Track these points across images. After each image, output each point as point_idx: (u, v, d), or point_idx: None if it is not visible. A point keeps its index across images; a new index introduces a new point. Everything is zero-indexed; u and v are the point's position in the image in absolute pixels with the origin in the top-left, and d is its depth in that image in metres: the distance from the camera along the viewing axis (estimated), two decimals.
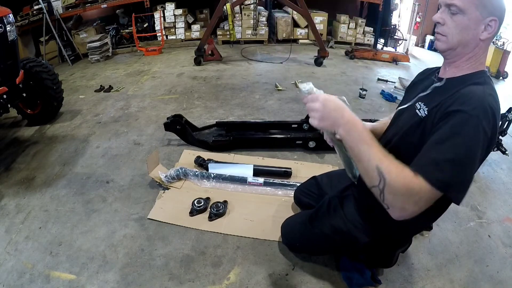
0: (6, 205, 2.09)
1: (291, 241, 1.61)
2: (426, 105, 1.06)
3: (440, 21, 1.01)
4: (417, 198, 0.89)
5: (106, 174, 2.40)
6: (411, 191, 0.88)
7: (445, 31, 1.01)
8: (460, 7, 0.96)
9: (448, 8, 0.99)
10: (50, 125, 3.19)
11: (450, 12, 0.99)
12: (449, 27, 1.00)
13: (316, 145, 2.64)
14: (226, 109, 3.52)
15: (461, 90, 0.98)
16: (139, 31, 6.20)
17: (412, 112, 1.12)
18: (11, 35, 2.45)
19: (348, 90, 4.20)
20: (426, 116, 1.02)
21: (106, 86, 4.17)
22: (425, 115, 1.03)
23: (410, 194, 0.89)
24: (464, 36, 0.99)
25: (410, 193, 0.89)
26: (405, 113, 1.18)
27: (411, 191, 0.88)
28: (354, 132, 0.97)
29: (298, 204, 1.88)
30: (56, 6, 5.38)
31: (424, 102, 1.08)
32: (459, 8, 0.96)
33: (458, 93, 0.97)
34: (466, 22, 0.97)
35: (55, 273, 1.62)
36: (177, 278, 1.60)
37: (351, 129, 0.98)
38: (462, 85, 0.99)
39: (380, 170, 0.91)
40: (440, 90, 1.07)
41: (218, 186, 2.22)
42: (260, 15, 6.41)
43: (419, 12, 6.93)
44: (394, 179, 0.89)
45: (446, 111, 0.94)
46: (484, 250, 1.82)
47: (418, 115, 1.06)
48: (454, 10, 0.97)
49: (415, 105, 1.11)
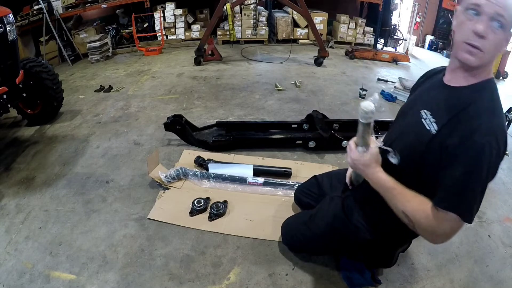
0: (6, 205, 2.09)
1: (292, 241, 1.61)
2: (433, 116, 1.03)
3: (484, 35, 0.89)
4: (444, 229, 0.99)
5: (106, 174, 2.40)
6: (438, 227, 0.98)
7: (485, 46, 0.90)
8: (507, 21, 0.87)
9: (493, 21, 0.88)
10: (50, 125, 3.19)
11: (494, 25, 0.88)
12: (490, 43, 0.90)
13: (316, 145, 2.64)
14: (226, 109, 3.52)
15: (471, 107, 0.95)
16: (139, 31, 6.19)
17: (417, 119, 1.09)
18: (11, 35, 2.45)
19: (348, 90, 4.20)
20: (436, 134, 1.00)
21: (106, 86, 4.17)
22: (435, 132, 1.00)
23: (437, 229, 0.99)
24: (496, 52, 0.94)
25: (436, 229, 0.99)
26: (409, 116, 1.16)
27: (437, 228, 0.99)
28: (378, 185, 1.10)
29: (299, 204, 1.88)
30: (56, 6, 5.37)
31: (430, 112, 1.05)
32: (504, 23, 0.88)
33: (469, 113, 0.94)
34: (502, 37, 0.90)
35: (55, 273, 1.62)
36: (177, 278, 1.60)
37: (376, 182, 1.11)
38: (472, 99, 0.96)
39: (406, 214, 1.03)
40: (448, 100, 1.03)
41: (218, 186, 2.22)
42: (260, 15, 6.41)
43: (419, 12, 6.93)
44: (419, 221, 1.01)
45: (462, 141, 0.92)
46: (484, 250, 1.82)
47: (426, 128, 1.03)
48: (498, 24, 0.88)
49: (420, 112, 1.08)
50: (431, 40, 7.37)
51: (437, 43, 7.24)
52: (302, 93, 4.03)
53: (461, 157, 0.93)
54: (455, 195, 0.94)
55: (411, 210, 1.01)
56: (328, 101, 3.81)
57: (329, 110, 3.51)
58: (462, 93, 1.00)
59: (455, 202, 0.94)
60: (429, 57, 6.81)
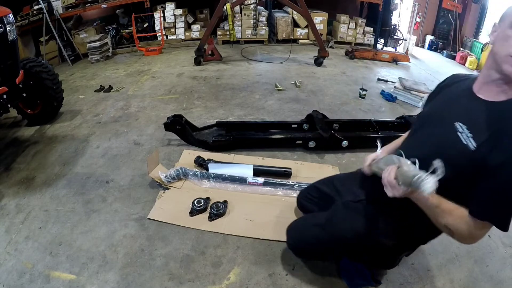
0: (6, 205, 2.09)
1: (300, 245, 1.50)
2: (470, 131, 1.01)
3: None
4: (481, 235, 1.05)
5: (106, 174, 2.40)
6: (476, 234, 1.04)
7: None
8: None
9: None
10: (50, 125, 3.19)
11: None
12: None
13: (316, 145, 2.64)
14: (226, 109, 3.52)
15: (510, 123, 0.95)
16: (139, 31, 6.19)
17: (452, 132, 1.05)
18: (11, 35, 2.45)
19: (348, 90, 4.20)
20: (475, 151, 0.99)
21: (106, 86, 4.17)
22: (474, 149, 0.99)
23: (474, 235, 1.04)
24: None
25: (474, 235, 1.04)
26: (441, 128, 1.12)
27: (475, 234, 1.04)
28: (421, 203, 1.09)
29: (301, 209, 1.83)
30: (56, 6, 5.37)
31: (467, 126, 1.02)
32: None
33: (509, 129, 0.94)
34: None
35: (55, 273, 1.62)
36: (177, 278, 1.60)
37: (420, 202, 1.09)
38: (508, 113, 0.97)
39: (447, 226, 1.06)
40: (487, 115, 1.01)
41: (218, 186, 2.22)
42: (260, 15, 6.41)
43: (419, 12, 6.93)
44: (460, 231, 1.04)
45: (506, 159, 0.93)
46: (484, 250, 1.82)
47: (463, 143, 1.01)
48: None
49: (455, 125, 1.05)
50: (431, 40, 7.37)
51: (437, 43, 7.25)
52: (302, 93, 4.03)
53: (503, 172, 0.93)
54: (495, 206, 0.97)
55: (452, 223, 1.04)
56: (328, 101, 3.82)
57: (329, 110, 3.52)
58: (503, 107, 0.99)
59: (494, 213, 0.98)
60: (429, 57, 6.81)
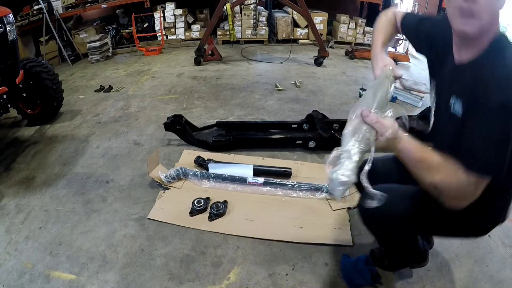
0: (6, 205, 2.09)
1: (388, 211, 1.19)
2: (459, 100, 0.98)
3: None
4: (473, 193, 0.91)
5: (106, 174, 2.40)
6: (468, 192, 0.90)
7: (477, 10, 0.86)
8: None
9: None
10: (50, 125, 3.19)
11: None
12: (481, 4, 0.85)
13: (316, 145, 2.64)
14: (226, 109, 3.52)
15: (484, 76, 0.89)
16: (139, 31, 6.19)
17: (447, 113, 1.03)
18: (11, 35, 2.45)
19: (348, 90, 4.20)
20: (462, 117, 0.96)
21: (106, 86, 4.17)
22: (461, 115, 0.96)
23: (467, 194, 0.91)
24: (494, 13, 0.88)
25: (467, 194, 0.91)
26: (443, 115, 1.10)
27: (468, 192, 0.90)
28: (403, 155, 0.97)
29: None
30: (56, 6, 5.37)
31: (455, 95, 1.00)
32: None
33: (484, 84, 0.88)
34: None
35: (55, 273, 1.62)
36: (177, 278, 1.60)
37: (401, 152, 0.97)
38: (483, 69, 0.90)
39: (435, 186, 0.93)
40: (463, 79, 0.97)
41: (218, 186, 2.22)
42: (260, 15, 6.40)
43: (419, 12, 6.93)
44: (449, 190, 0.92)
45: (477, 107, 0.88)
46: (484, 250, 1.82)
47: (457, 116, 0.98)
48: None
49: (449, 103, 1.02)
50: None
51: None
52: (302, 93, 4.03)
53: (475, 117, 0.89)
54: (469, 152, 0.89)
55: (440, 180, 0.92)
56: (328, 101, 3.81)
57: (329, 110, 3.51)
58: (473, 67, 0.95)
59: (471, 159, 0.88)
60: None
